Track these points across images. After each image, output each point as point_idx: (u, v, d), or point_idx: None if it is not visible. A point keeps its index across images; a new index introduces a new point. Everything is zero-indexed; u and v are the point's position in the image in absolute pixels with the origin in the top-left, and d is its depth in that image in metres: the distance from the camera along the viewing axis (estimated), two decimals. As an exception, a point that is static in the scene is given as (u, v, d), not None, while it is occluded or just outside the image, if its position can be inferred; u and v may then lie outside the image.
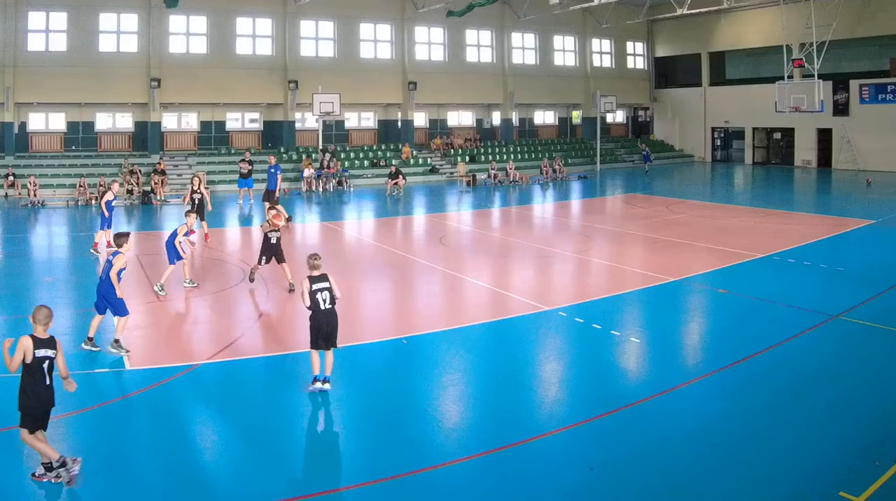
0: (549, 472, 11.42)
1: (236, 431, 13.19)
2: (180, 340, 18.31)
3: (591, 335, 18.56)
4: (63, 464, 10.78)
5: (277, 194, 37.91)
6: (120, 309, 16.80)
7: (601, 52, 75.92)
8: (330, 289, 14.80)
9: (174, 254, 22.50)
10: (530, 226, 39.33)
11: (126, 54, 54.62)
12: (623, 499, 10.73)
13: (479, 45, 68.81)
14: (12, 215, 39.77)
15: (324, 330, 14.62)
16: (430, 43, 66.28)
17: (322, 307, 14.62)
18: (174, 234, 22.64)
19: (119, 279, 16.63)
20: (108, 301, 16.79)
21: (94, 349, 16.76)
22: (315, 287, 14.67)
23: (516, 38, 70.26)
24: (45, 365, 10.87)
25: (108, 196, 28.24)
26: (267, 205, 32.86)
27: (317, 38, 61.68)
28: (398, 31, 64.12)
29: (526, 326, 19.41)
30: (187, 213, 23.96)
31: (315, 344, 14.69)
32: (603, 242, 31.91)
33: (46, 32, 52.73)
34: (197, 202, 31.48)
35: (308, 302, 14.64)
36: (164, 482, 11.14)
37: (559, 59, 73.31)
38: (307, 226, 37.39)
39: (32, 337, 10.85)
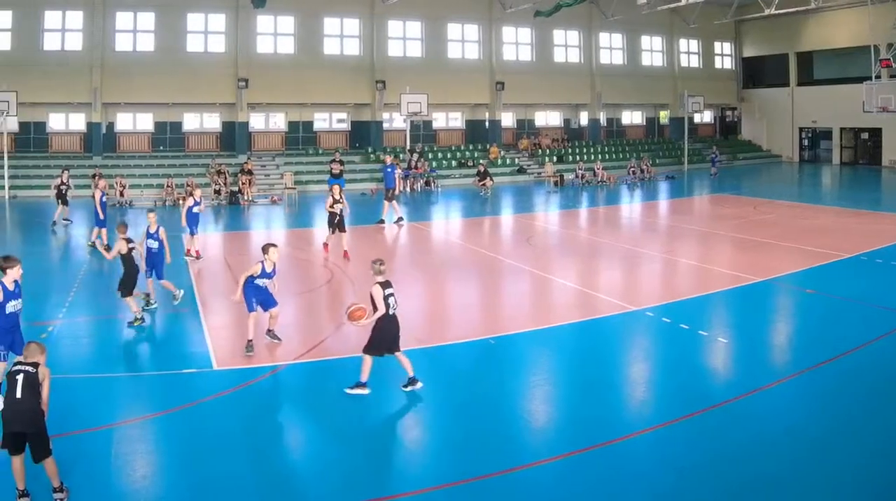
0: (637, 473, 11.04)
1: (323, 431, 12.80)
2: (267, 340, 17.08)
3: (678, 335, 17.77)
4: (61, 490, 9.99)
5: (398, 191, 36.72)
6: (249, 306, 16.55)
7: (689, 52, 71.20)
8: (394, 295, 14.32)
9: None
10: (617, 227, 37.63)
11: (213, 54, 52.27)
12: (710, 500, 10.36)
13: (566, 45, 64.52)
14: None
15: (389, 336, 14.17)
16: (517, 43, 62.30)
17: (390, 312, 14.14)
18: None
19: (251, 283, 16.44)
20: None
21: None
22: (386, 292, 14.12)
23: (604, 38, 65.69)
24: (19, 378, 9.87)
25: (188, 202, 26.50)
26: (386, 203, 34.35)
27: (404, 38, 58.35)
28: (486, 32, 60.50)
29: (613, 326, 18.74)
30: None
31: (376, 350, 14.14)
32: (690, 242, 30.89)
33: (134, 32, 50.55)
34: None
35: (383, 309, 13.99)
36: (250, 482, 10.82)
37: (647, 60, 68.75)
38: (395, 227, 34.87)
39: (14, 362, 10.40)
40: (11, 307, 13.08)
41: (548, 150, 61.91)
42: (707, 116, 75.45)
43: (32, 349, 10.25)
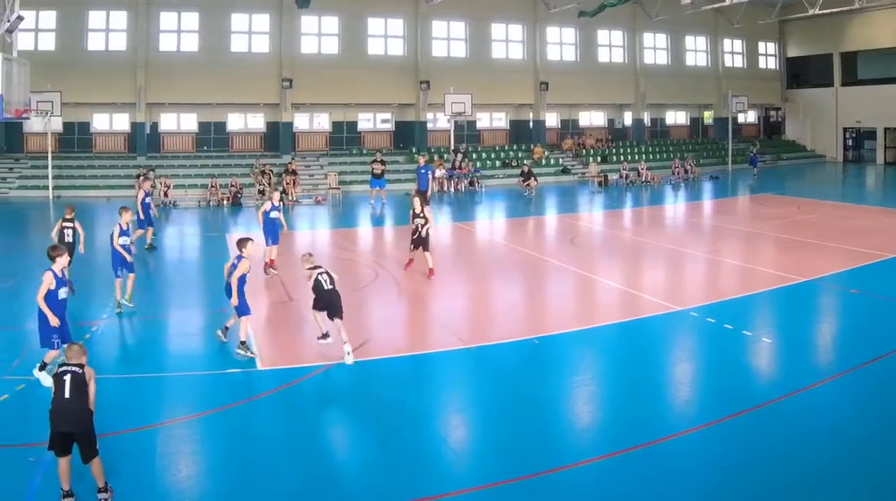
0: (681, 472, 10.78)
1: (367, 431, 12.57)
2: (311, 341, 16.47)
3: (722, 335, 17.35)
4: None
5: (429, 193, 35.06)
6: (242, 309, 15.68)
7: (732, 52, 68.38)
8: (326, 273, 15.86)
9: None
10: (661, 227, 36.53)
11: (258, 54, 50.72)
12: (755, 500, 10.04)
13: (610, 45, 62.12)
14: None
15: (324, 304, 15.58)
16: (561, 43, 59.86)
17: (326, 288, 15.58)
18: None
19: (242, 282, 15.68)
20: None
21: (246, 354, 15.61)
22: (317, 273, 15.71)
23: (648, 38, 63.38)
24: (67, 378, 9.67)
25: (266, 206, 23.92)
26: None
27: (448, 38, 56.21)
28: (530, 32, 58.27)
29: (657, 326, 18.25)
30: None
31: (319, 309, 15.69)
32: (734, 242, 29.96)
33: (178, 33, 49.27)
34: None
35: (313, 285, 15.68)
36: (294, 482, 10.58)
37: (690, 60, 66.25)
38: (439, 227, 33.24)
39: (59, 364, 10.12)
40: (63, 293, 13.70)
41: (592, 151, 59.77)
42: (751, 116, 72.59)
43: (75, 350, 10.05)
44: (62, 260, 13.69)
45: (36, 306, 13.46)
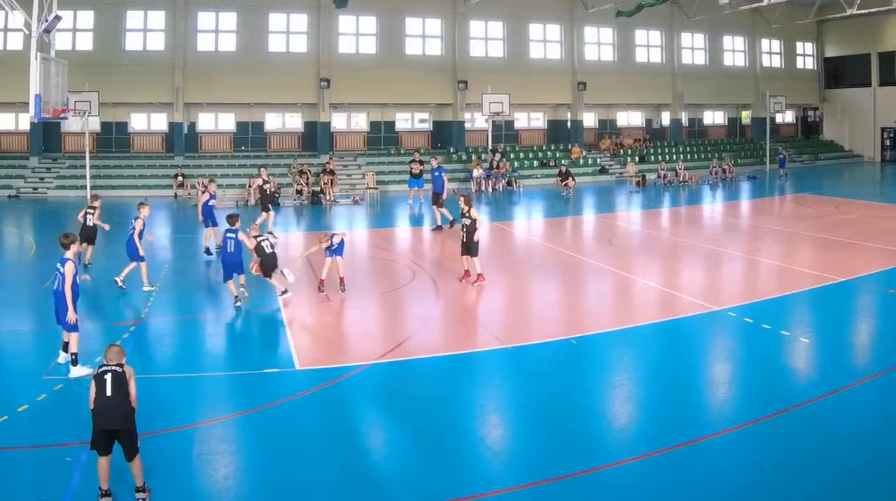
0: (719, 472, 10.46)
1: (404, 431, 12.16)
2: (349, 340, 17.09)
3: (760, 335, 16.87)
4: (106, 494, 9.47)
5: (445, 196, 32.87)
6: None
7: (770, 52, 65.95)
8: (267, 239, 18.95)
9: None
10: (699, 227, 35.72)
11: (295, 54, 49.26)
12: (793, 500, 9.74)
13: (648, 45, 60.04)
14: (182, 215, 36.26)
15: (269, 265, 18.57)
16: (599, 43, 57.83)
17: (267, 251, 18.44)
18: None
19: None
20: None
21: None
22: (259, 240, 18.80)
23: (685, 38, 61.24)
24: (108, 377, 9.55)
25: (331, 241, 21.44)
26: (434, 207, 31.93)
27: (486, 38, 54.30)
28: (567, 32, 56.15)
29: (695, 326, 17.85)
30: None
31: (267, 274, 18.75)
32: (772, 242, 29.03)
33: (216, 33, 47.91)
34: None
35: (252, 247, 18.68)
36: (332, 482, 10.31)
37: (728, 60, 63.89)
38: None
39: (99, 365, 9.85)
40: (79, 279, 14.28)
41: (630, 150, 57.97)
42: (789, 116, 69.95)
43: (115, 352, 9.93)
44: (75, 247, 14.35)
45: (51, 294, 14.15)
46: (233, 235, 19.05)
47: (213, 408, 12.68)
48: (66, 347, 14.14)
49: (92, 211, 22.92)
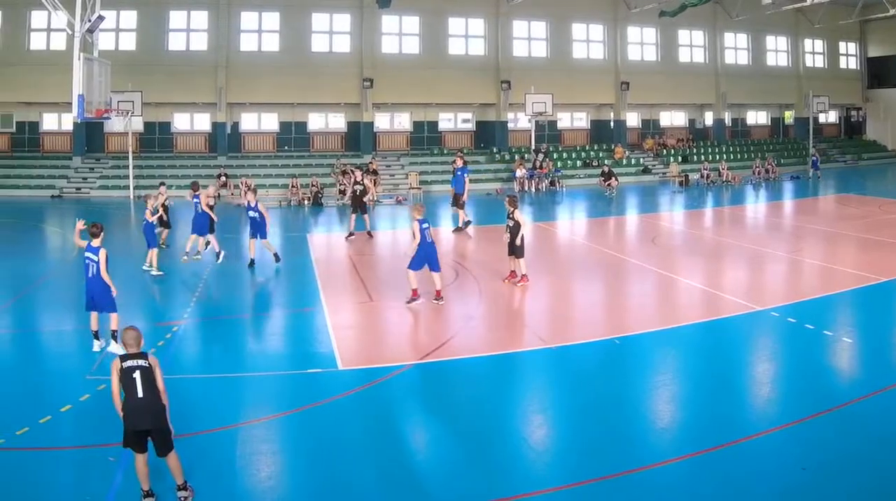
0: (762, 472, 9.96)
1: (447, 431, 11.65)
2: (392, 340, 16.45)
3: (803, 335, 16.19)
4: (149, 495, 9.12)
5: (465, 198, 31.11)
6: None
7: (813, 52, 63.13)
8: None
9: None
10: (742, 226, 34.16)
11: (338, 54, 47.52)
12: (836, 500, 9.31)
13: (691, 45, 57.59)
14: (225, 215, 34.04)
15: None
16: (642, 43, 55.47)
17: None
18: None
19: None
20: None
21: None
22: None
23: (728, 38, 58.73)
24: (137, 375, 9.03)
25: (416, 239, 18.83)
26: (453, 208, 31.02)
27: (529, 38, 52.00)
28: (610, 32, 53.87)
29: (738, 326, 17.07)
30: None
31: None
32: (815, 242, 28.24)
33: (259, 32, 46.33)
34: None
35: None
36: (375, 483, 9.91)
37: (771, 60, 61.20)
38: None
39: (119, 357, 9.25)
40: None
41: (673, 150, 55.64)
42: (832, 116, 67.09)
43: (132, 336, 9.33)
44: (102, 236, 14.48)
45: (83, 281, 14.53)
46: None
47: (255, 408, 12.27)
48: (97, 335, 14.43)
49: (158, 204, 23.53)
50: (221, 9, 44.79)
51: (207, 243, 24.00)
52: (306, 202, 39.28)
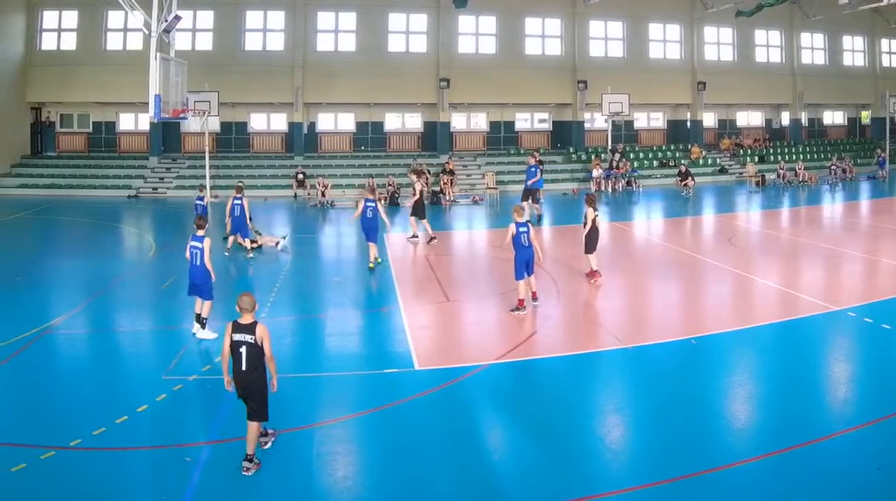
0: (838, 472, 9.39)
1: (523, 431, 10.99)
2: (468, 340, 15.39)
3: (880, 335, 14.96)
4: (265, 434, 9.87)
5: (541, 195, 30.97)
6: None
7: (890, 51, 57.82)
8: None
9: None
10: (819, 226, 31.99)
11: (415, 54, 44.31)
12: None
13: (768, 45, 53.07)
14: (302, 215, 33.78)
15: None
16: (718, 43, 51.20)
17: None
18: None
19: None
20: None
21: None
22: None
23: (805, 37, 54.12)
24: (243, 350, 9.35)
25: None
26: (528, 203, 28.90)
27: (606, 38, 48.00)
28: (687, 32, 49.60)
29: (814, 326, 15.77)
30: None
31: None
32: (892, 242, 26.33)
33: (335, 33, 43.32)
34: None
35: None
36: (451, 483, 9.38)
37: (848, 59, 56.35)
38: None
39: (234, 322, 9.53)
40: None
41: (749, 150, 51.34)
42: (909, 116, 62.73)
43: (247, 301, 9.50)
44: (207, 227, 14.93)
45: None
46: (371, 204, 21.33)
47: (332, 408, 11.69)
48: (198, 318, 14.54)
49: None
50: (298, 9, 42.07)
51: (282, 237, 24.45)
52: (383, 202, 35.82)
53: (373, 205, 21.46)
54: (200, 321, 14.49)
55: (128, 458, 9.87)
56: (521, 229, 16.69)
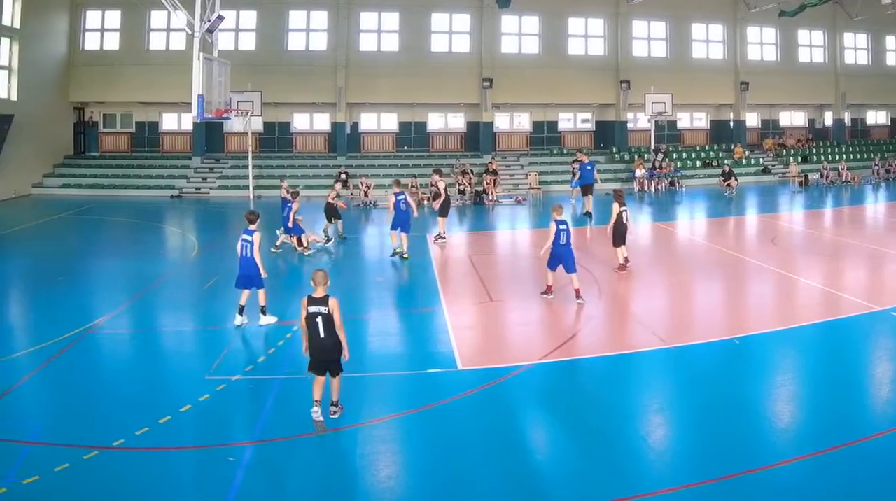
0: (882, 472, 9.11)
1: (566, 431, 10.72)
2: (511, 341, 14.96)
3: None
4: (335, 405, 10.53)
5: (593, 190, 31.33)
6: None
7: (934, 51, 55.29)
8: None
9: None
10: (862, 226, 30.86)
11: (458, 54, 42.37)
12: None
13: (811, 45, 50.67)
14: (345, 215, 31.50)
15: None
16: (761, 43, 48.83)
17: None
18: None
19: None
20: None
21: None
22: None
23: (848, 38, 51.54)
24: (319, 320, 10.13)
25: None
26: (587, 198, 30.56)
27: (649, 38, 45.79)
28: (730, 31, 47.31)
29: (858, 326, 15.24)
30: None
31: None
32: None
33: (378, 33, 41.48)
34: None
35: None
36: (495, 482, 9.15)
37: (891, 60, 53.53)
38: (639, 226, 28.90)
39: (309, 296, 10.35)
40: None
41: (792, 150, 49.02)
42: (953, 117, 59.42)
43: (321, 277, 10.38)
44: (258, 222, 15.03)
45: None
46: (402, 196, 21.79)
47: (376, 408, 11.26)
48: (241, 310, 14.72)
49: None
50: (341, 9, 40.36)
51: (331, 237, 24.23)
52: (426, 202, 34.43)
53: (402, 196, 21.90)
54: (261, 309, 14.84)
55: (171, 458, 9.74)
56: (562, 226, 16.61)
